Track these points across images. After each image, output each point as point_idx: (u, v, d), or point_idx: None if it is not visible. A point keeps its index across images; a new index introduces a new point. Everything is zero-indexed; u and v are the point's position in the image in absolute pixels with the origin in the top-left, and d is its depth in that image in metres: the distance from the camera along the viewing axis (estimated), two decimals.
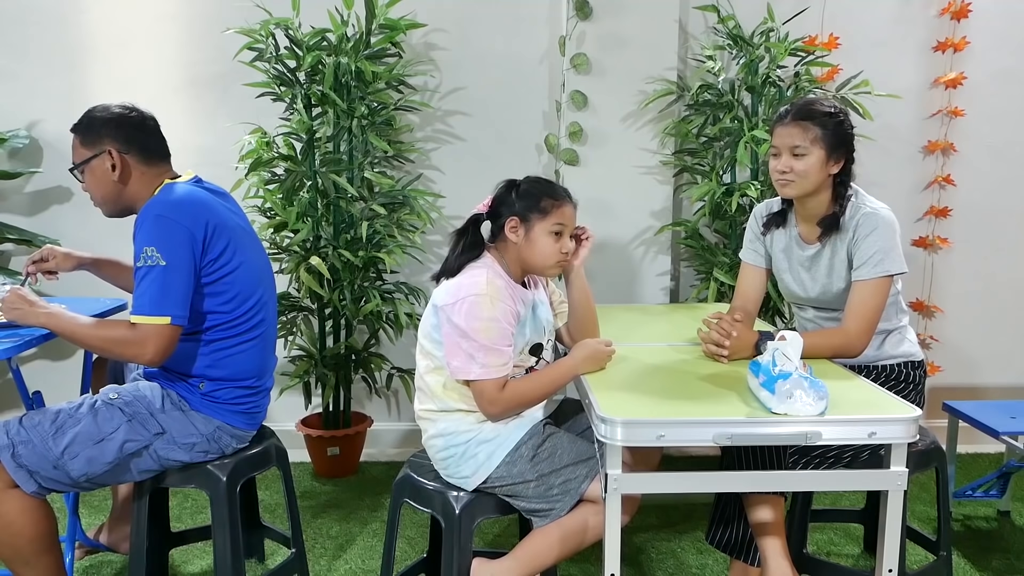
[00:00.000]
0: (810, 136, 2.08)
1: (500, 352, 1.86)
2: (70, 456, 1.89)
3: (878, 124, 3.14)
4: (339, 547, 2.67)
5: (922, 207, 3.44)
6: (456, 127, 3.33)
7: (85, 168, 2.03)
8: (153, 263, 1.87)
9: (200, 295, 1.96)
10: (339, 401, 3.23)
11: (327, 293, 3.00)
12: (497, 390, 1.88)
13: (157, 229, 1.89)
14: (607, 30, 3.10)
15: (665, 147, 3.19)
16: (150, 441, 1.96)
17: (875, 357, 2.20)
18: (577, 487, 1.85)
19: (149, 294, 1.87)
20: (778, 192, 2.17)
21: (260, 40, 2.91)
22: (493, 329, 1.85)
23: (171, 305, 1.88)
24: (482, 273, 1.91)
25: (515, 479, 1.88)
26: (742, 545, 2.08)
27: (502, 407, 1.90)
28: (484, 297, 1.85)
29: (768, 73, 3.00)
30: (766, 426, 1.65)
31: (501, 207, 1.97)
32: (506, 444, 1.89)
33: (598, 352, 1.95)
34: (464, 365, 1.86)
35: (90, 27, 3.24)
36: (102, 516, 2.72)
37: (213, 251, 1.95)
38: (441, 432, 1.95)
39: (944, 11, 3.29)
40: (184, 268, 1.89)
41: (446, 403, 1.95)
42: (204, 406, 2.02)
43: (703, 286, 3.11)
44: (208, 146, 3.23)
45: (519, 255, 1.96)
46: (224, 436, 2.04)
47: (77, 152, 2.04)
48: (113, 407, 1.96)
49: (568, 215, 1.96)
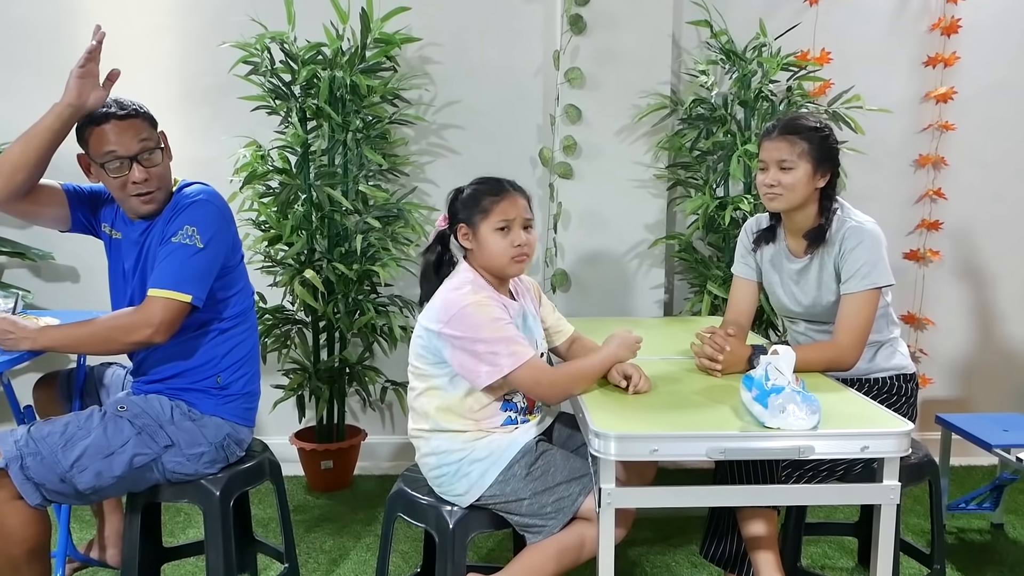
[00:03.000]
0: (797, 150, 2.10)
1: (520, 338, 1.87)
2: (79, 469, 1.87)
3: (870, 138, 3.16)
4: (332, 561, 2.66)
5: (913, 220, 3.46)
6: (451, 140, 3.34)
7: (162, 150, 2.03)
8: (190, 243, 1.93)
9: (222, 281, 2.04)
10: (333, 414, 3.22)
11: (321, 306, 3.00)
12: (544, 371, 1.87)
13: (203, 212, 1.97)
14: (601, 44, 3.12)
15: (659, 160, 3.20)
16: (159, 454, 1.96)
17: (867, 370, 2.21)
18: (571, 504, 1.84)
19: (178, 271, 1.92)
20: (765, 206, 2.19)
21: (255, 54, 2.92)
22: (499, 325, 1.85)
23: (196, 286, 1.93)
24: (464, 284, 1.91)
25: (509, 497, 1.87)
26: (736, 559, 2.09)
27: (551, 384, 1.87)
28: (474, 304, 1.85)
29: (761, 88, 3.03)
30: (759, 440, 1.65)
31: (452, 218, 1.98)
32: (499, 463, 1.88)
33: (628, 340, 1.97)
34: (491, 365, 1.82)
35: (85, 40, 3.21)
36: (93, 530, 2.71)
37: (236, 244, 2.07)
38: (434, 451, 1.94)
39: (935, 26, 3.32)
40: (216, 254, 1.98)
41: (438, 423, 1.93)
42: (217, 408, 2.04)
43: (697, 299, 3.12)
44: (203, 159, 3.22)
45: (479, 261, 1.96)
46: (231, 444, 2.07)
47: (149, 135, 2.00)
48: (122, 420, 1.95)
49: (512, 207, 1.91)
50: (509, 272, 1.96)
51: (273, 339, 3.08)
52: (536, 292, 2.17)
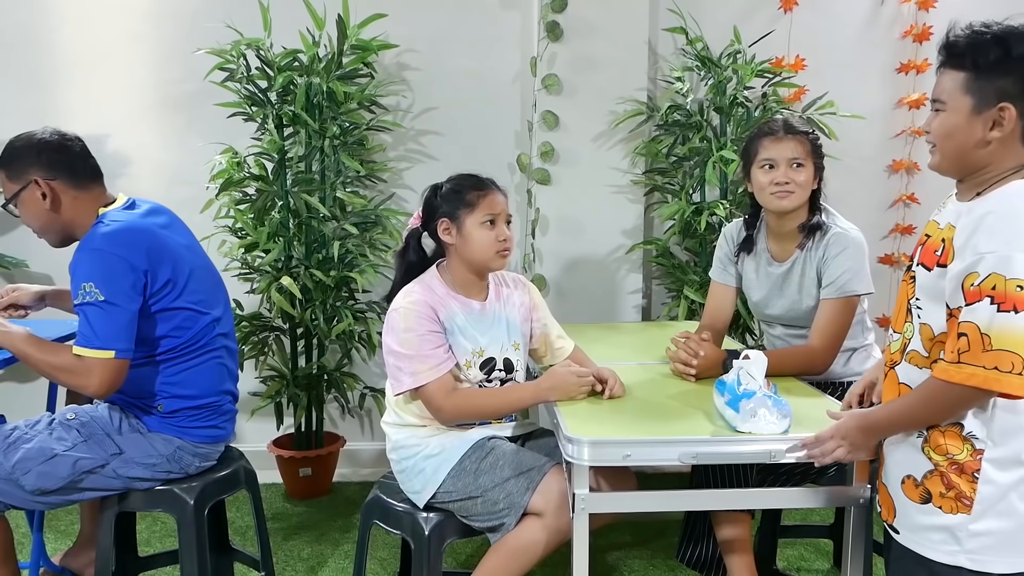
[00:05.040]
0: (805, 149, 2.14)
1: (425, 358, 1.88)
2: (21, 471, 1.89)
3: (844, 144, 3.19)
4: (310, 569, 2.65)
5: (887, 225, 3.50)
6: (429, 147, 3.34)
7: (16, 202, 1.98)
8: (92, 299, 1.84)
9: (151, 321, 1.95)
10: (311, 421, 3.21)
11: (299, 313, 2.99)
12: (442, 394, 1.89)
13: (94, 264, 1.86)
14: (578, 51, 3.13)
15: (636, 166, 3.22)
16: (106, 460, 1.95)
17: (841, 374, 2.23)
18: (520, 500, 1.82)
19: (91, 328, 1.85)
20: (773, 205, 2.16)
21: (231, 60, 2.91)
22: (411, 339, 1.88)
23: (113, 339, 1.85)
24: (407, 289, 1.95)
25: (462, 494, 1.88)
26: (711, 563, 2.10)
27: (450, 412, 1.92)
28: (399, 311, 1.90)
29: (735, 94, 3.05)
30: (731, 444, 1.67)
31: (430, 213, 1.98)
32: (450, 459, 1.90)
33: (567, 382, 1.92)
34: (395, 379, 1.90)
35: (61, 47, 3.22)
36: (68, 540, 2.68)
37: (159, 278, 1.93)
38: (395, 446, 1.99)
39: (907, 33, 3.36)
40: (125, 301, 1.86)
41: (400, 416, 1.99)
42: (164, 427, 2.01)
43: (674, 304, 3.14)
44: (179, 166, 3.22)
45: (460, 256, 1.97)
46: (186, 456, 2.03)
47: (6, 187, 1.98)
48: (70, 427, 1.97)
49: (497, 202, 1.95)
50: (493, 266, 1.98)
51: (250, 346, 3.07)
52: (532, 296, 2.13)
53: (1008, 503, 1.39)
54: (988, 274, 1.32)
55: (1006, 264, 1.31)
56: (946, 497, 1.42)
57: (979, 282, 1.33)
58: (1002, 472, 1.39)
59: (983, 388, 1.33)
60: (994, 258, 1.32)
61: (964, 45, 1.40)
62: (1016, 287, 1.30)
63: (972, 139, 1.41)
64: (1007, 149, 1.41)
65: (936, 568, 1.43)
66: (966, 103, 1.40)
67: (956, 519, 1.40)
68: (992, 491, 1.39)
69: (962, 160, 1.44)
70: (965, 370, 1.34)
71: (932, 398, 1.41)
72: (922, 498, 1.45)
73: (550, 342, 2.14)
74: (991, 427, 1.39)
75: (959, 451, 1.41)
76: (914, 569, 1.47)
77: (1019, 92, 1.37)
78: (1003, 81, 1.37)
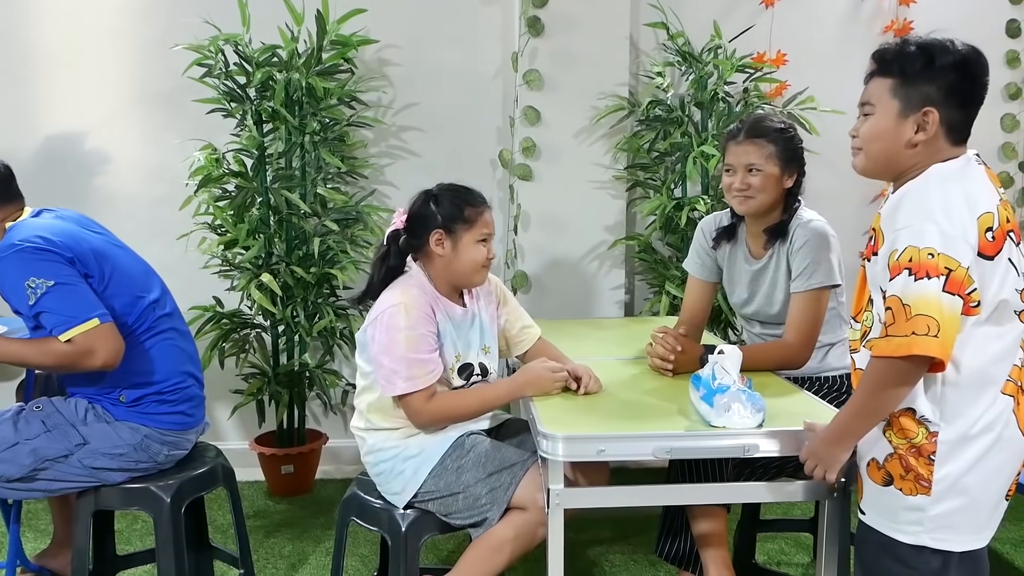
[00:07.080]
0: (765, 153, 2.12)
1: (422, 362, 1.87)
2: None
3: (825, 139, 3.19)
4: (291, 566, 2.65)
5: (869, 220, 3.48)
6: (410, 143, 3.33)
7: None
8: (42, 290, 1.85)
9: None
10: (293, 419, 3.20)
11: (279, 310, 2.98)
12: (423, 401, 1.88)
13: (22, 263, 1.87)
14: (559, 47, 3.13)
15: (617, 162, 3.22)
16: (70, 451, 1.97)
17: (818, 369, 2.23)
18: (504, 493, 1.83)
19: (61, 312, 1.86)
20: (736, 208, 2.19)
21: (209, 56, 2.89)
22: (412, 338, 1.86)
23: (86, 309, 1.88)
24: (400, 286, 1.94)
25: (443, 492, 1.87)
26: (689, 557, 2.10)
27: (428, 418, 1.91)
28: (399, 307, 1.87)
29: (716, 89, 3.05)
30: (705, 439, 1.67)
31: (422, 221, 1.96)
32: (431, 459, 1.90)
33: (541, 378, 1.93)
34: (389, 382, 1.87)
35: (37, 43, 3.19)
36: (47, 539, 2.67)
37: (85, 266, 1.94)
38: (371, 449, 1.97)
39: (887, 28, 3.37)
40: (73, 279, 1.89)
41: (372, 422, 1.96)
42: (130, 416, 2.02)
43: (656, 299, 3.14)
44: (157, 163, 3.20)
45: (446, 268, 1.96)
46: (153, 444, 2.03)
47: None
48: (35, 417, 1.99)
49: (490, 221, 1.98)
50: (475, 281, 1.99)
51: (231, 344, 3.05)
52: (499, 292, 2.13)
53: (964, 482, 1.44)
54: (905, 247, 1.40)
55: (919, 235, 1.39)
56: (906, 479, 1.47)
57: (898, 256, 1.40)
58: (956, 451, 1.44)
59: (905, 355, 1.37)
60: (908, 232, 1.40)
61: (893, 55, 1.52)
62: (927, 255, 1.37)
63: (900, 141, 1.50)
64: (931, 150, 1.50)
65: (900, 548, 1.48)
66: (894, 107, 1.50)
67: (916, 500, 1.46)
68: (948, 471, 1.44)
69: (889, 162, 1.53)
70: (893, 342, 1.39)
71: (872, 382, 1.45)
72: (884, 480, 1.50)
73: (515, 333, 2.14)
74: (943, 407, 1.44)
75: (915, 435, 1.46)
76: (879, 549, 1.52)
77: (942, 98, 1.48)
78: (927, 87, 1.48)
